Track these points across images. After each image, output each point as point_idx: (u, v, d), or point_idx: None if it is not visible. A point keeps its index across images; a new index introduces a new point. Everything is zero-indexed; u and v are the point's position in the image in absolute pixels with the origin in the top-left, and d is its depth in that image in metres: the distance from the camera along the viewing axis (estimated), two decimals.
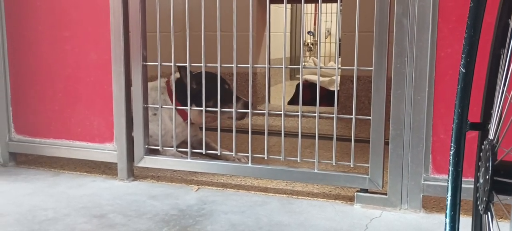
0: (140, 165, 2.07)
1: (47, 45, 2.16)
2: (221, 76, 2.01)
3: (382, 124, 1.71)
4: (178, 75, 2.21)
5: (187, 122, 2.26)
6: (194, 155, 2.06)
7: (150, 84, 2.13)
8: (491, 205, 0.84)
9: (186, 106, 2.01)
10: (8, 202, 1.81)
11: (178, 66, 2.15)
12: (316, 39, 6.94)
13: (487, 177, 0.81)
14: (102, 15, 2.02)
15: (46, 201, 1.82)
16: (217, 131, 1.99)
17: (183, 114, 2.32)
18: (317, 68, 1.84)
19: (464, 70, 0.92)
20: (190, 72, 2.03)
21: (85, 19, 2.07)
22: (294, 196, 1.90)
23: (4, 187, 1.99)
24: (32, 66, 2.20)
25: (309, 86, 4.20)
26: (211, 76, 2.06)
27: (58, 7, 2.11)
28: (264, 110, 1.91)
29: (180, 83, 2.17)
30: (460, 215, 1.59)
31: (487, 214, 0.86)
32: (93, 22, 2.06)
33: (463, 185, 0.93)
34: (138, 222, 1.61)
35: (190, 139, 2.04)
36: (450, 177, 0.91)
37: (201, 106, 2.01)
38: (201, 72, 2.00)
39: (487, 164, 0.82)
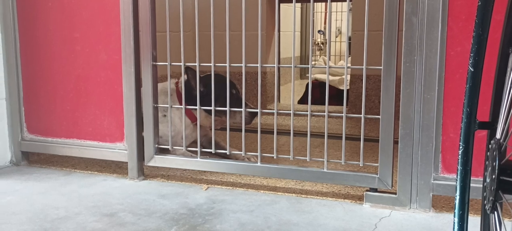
0: (150, 164, 2.09)
1: (58, 45, 2.18)
2: (229, 80, 2.01)
3: (391, 123, 1.71)
4: (186, 77, 2.22)
5: (195, 124, 2.28)
6: (204, 154, 2.07)
7: (159, 86, 2.14)
8: (497, 205, 0.83)
9: (193, 108, 2.01)
10: (21, 201, 1.83)
11: (186, 68, 2.15)
12: (326, 38, 6.93)
13: (494, 176, 0.81)
14: (112, 16, 2.04)
15: (58, 200, 1.84)
16: (226, 131, 1.99)
17: (191, 116, 2.33)
18: (326, 67, 1.84)
19: (472, 69, 0.91)
20: (198, 74, 2.04)
21: (96, 19, 2.09)
22: (303, 195, 1.90)
23: (17, 186, 2.02)
24: (43, 66, 2.23)
25: (319, 85, 4.20)
26: (219, 79, 2.06)
27: (69, 8, 2.13)
28: (274, 109, 1.91)
29: (188, 85, 2.18)
30: (471, 214, 1.58)
31: (493, 213, 0.86)
32: (103, 22, 2.08)
33: (472, 184, 0.93)
34: (148, 221, 1.63)
35: (200, 138, 2.05)
36: (458, 176, 0.91)
37: (208, 110, 2.01)
38: (209, 75, 2.00)
39: (494, 163, 0.82)
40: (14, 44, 2.26)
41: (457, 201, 0.90)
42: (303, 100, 4.27)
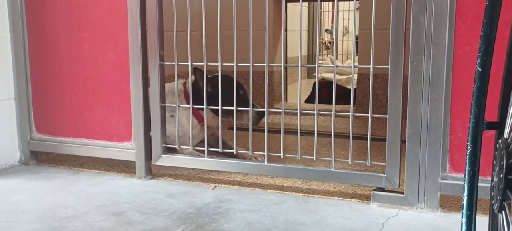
0: (158, 163, 2.10)
1: (67, 46, 2.19)
2: (237, 81, 2.01)
3: (398, 122, 1.70)
4: (194, 77, 2.22)
5: (202, 124, 2.28)
6: (211, 154, 2.07)
7: (167, 86, 2.14)
8: (505, 204, 0.83)
9: (201, 108, 2.02)
10: (30, 200, 1.85)
11: (194, 69, 2.16)
12: (333, 37, 6.90)
13: (501, 175, 0.80)
14: (120, 16, 2.05)
15: (66, 199, 1.86)
16: (233, 130, 2.00)
17: (198, 117, 2.33)
18: (333, 66, 1.84)
19: (480, 69, 0.91)
20: (206, 75, 2.04)
21: (104, 20, 2.10)
22: (310, 195, 1.90)
23: (26, 185, 2.04)
24: (52, 66, 2.25)
25: (327, 84, 4.19)
26: (227, 80, 2.06)
27: (77, 9, 2.15)
28: (281, 109, 1.91)
29: (196, 85, 2.19)
30: (480, 214, 1.57)
31: (501, 213, 0.85)
32: (111, 22, 2.08)
33: (481, 184, 0.92)
34: (156, 220, 1.64)
35: (207, 137, 2.06)
36: (466, 176, 0.90)
37: (215, 110, 2.01)
38: (217, 75, 2.00)
39: (502, 163, 0.81)
40: (23, 45, 2.28)
41: (465, 201, 0.90)
42: (310, 100, 4.26)
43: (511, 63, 0.98)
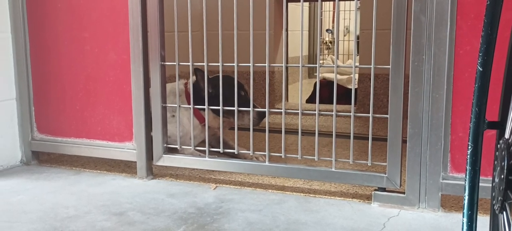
0: (159, 163, 2.10)
1: (68, 46, 2.20)
2: (238, 81, 2.01)
3: (399, 122, 1.70)
4: (195, 78, 2.22)
5: (203, 125, 2.28)
6: (212, 154, 2.07)
7: (168, 86, 2.14)
8: (506, 204, 0.83)
9: (202, 109, 2.02)
10: (31, 200, 1.85)
11: (195, 69, 2.16)
12: (334, 37, 6.89)
13: (502, 176, 0.80)
14: (120, 16, 2.05)
15: (68, 199, 1.86)
16: (234, 130, 2.00)
17: (199, 117, 2.33)
18: (334, 66, 1.84)
19: (481, 69, 0.91)
20: (207, 76, 2.04)
21: (104, 20, 2.10)
22: (311, 195, 1.90)
23: (27, 185, 2.04)
24: (53, 67, 2.25)
25: (327, 84, 4.19)
26: (228, 80, 2.06)
27: (78, 9, 2.15)
28: (282, 108, 1.91)
29: (197, 86, 2.19)
30: (481, 214, 1.57)
31: (502, 213, 0.85)
32: (112, 22, 2.09)
33: (482, 184, 0.92)
34: (157, 220, 1.64)
35: (208, 137, 2.06)
36: (467, 176, 0.90)
37: (216, 111, 2.01)
38: (218, 76, 2.00)
39: (503, 163, 0.81)
40: (24, 45, 2.28)
41: (466, 201, 0.90)
42: (311, 100, 4.25)
43: None
